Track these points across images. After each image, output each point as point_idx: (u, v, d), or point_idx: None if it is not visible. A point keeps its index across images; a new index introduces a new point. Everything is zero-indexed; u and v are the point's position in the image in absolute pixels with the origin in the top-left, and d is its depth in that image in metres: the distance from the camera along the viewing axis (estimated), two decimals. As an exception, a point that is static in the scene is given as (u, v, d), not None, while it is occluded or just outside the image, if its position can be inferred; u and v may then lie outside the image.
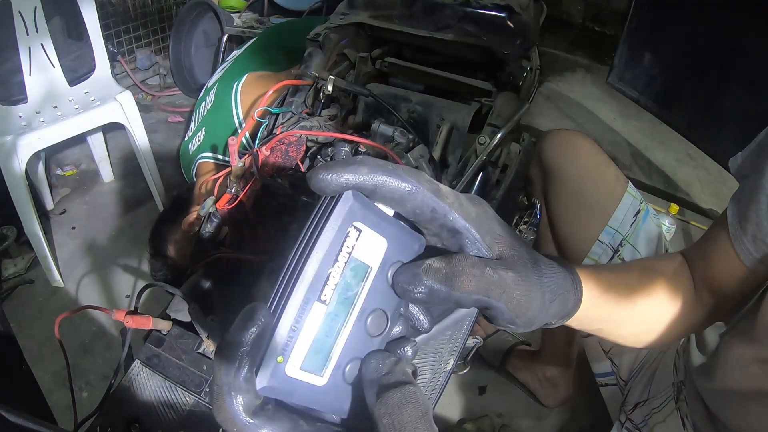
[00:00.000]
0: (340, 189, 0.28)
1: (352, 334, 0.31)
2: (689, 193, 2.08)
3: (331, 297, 0.29)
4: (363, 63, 1.20)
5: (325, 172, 0.28)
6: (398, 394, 0.29)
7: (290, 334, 0.28)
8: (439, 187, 0.31)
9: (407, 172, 0.29)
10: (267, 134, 0.94)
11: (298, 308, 0.28)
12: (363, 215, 0.29)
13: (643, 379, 0.84)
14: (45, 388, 0.90)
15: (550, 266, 0.37)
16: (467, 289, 0.30)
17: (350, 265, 0.29)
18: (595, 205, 0.92)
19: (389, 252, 0.31)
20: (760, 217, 0.51)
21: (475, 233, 0.32)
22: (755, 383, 0.53)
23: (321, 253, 0.28)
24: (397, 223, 0.32)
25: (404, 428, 0.28)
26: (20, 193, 1.40)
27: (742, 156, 0.58)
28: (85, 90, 1.66)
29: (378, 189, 0.29)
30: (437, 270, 0.30)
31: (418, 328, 0.35)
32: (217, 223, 0.77)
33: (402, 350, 0.33)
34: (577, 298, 0.40)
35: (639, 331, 0.55)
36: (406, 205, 0.30)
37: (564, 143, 0.99)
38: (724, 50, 1.81)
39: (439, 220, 0.31)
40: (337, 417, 0.32)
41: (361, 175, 0.28)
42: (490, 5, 1.06)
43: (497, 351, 1.37)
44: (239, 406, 0.27)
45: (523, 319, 0.33)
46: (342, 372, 0.31)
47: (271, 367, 0.28)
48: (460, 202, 0.32)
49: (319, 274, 0.28)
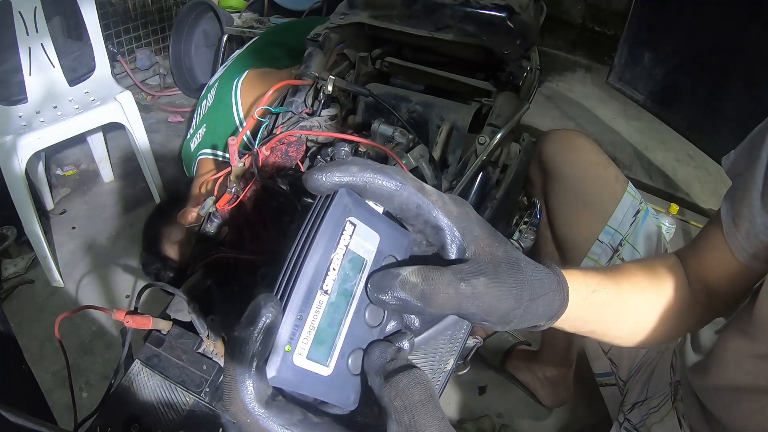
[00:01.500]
0: (334, 187, 0.31)
1: (353, 324, 0.32)
2: (689, 193, 2.08)
3: (332, 287, 0.31)
4: (363, 63, 1.20)
5: (319, 173, 0.30)
6: (406, 378, 0.30)
7: (296, 323, 0.29)
8: (424, 185, 0.33)
9: (394, 171, 0.32)
10: (267, 134, 0.94)
11: (303, 297, 0.29)
12: (357, 211, 0.31)
13: (642, 379, 0.84)
14: (45, 388, 0.90)
15: (534, 267, 0.38)
16: (441, 306, 0.32)
17: (348, 257, 0.31)
18: (595, 204, 0.92)
19: (382, 246, 0.33)
20: (753, 213, 0.52)
21: (457, 232, 0.34)
22: (750, 378, 0.53)
23: (321, 246, 0.30)
24: (387, 220, 0.34)
25: (415, 408, 0.29)
26: (20, 193, 1.40)
27: (734, 154, 0.58)
28: (85, 90, 1.66)
29: (368, 186, 0.31)
30: (414, 286, 0.31)
31: (410, 326, 0.36)
32: (217, 223, 0.77)
33: (400, 342, 0.34)
34: (563, 298, 0.41)
35: (633, 331, 0.55)
36: (393, 201, 0.32)
37: (564, 143, 0.99)
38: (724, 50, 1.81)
39: (424, 216, 0.33)
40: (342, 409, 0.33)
41: (351, 173, 0.30)
42: (490, 5, 1.06)
43: (497, 351, 1.37)
44: (251, 396, 0.27)
45: (494, 318, 0.35)
46: (346, 362, 0.32)
47: (280, 356, 0.28)
48: (443, 201, 0.34)
49: (321, 265, 0.30)
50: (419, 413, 0.29)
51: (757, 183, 0.51)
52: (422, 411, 0.29)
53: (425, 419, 0.29)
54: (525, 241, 0.90)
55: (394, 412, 0.29)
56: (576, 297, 0.43)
